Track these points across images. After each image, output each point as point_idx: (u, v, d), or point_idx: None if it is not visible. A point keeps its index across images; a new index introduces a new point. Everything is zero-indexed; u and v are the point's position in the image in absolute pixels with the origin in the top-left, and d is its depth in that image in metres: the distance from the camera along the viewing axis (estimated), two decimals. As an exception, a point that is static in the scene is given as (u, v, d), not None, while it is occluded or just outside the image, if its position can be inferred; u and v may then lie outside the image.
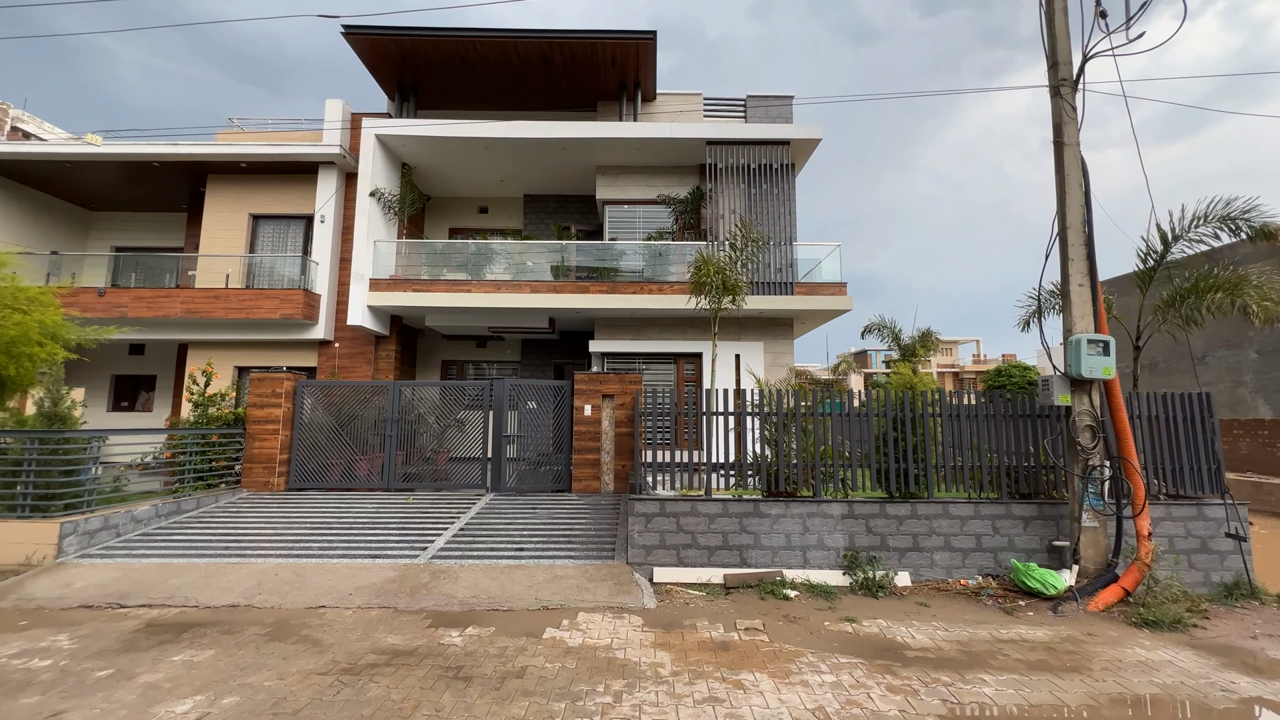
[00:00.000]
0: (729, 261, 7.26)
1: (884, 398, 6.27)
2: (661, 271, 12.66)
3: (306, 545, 6.38)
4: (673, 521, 5.89)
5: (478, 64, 12.96)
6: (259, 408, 8.88)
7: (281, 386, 8.94)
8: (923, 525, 5.89)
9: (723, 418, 6.53)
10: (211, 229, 13.53)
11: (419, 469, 9.33)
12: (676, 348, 12.87)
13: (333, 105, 13.16)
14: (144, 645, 4.27)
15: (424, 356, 15.23)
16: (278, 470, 8.83)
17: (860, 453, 6.33)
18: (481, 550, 6.25)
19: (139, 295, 12.13)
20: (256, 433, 8.83)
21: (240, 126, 14.29)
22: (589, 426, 8.95)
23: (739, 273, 6.98)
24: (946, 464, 6.23)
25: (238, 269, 12.95)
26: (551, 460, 9.21)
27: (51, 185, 14.47)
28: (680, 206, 13.36)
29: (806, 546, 5.86)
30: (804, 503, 5.95)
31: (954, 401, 6.32)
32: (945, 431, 6.22)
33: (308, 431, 9.12)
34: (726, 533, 5.87)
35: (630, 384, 8.97)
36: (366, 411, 9.28)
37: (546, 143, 12.66)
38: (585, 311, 12.35)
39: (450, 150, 13.04)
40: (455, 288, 12.18)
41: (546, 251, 12.94)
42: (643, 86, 13.70)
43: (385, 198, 12.82)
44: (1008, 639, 4.60)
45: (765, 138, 12.70)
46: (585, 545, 6.41)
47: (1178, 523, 5.90)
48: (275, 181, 13.60)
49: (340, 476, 9.10)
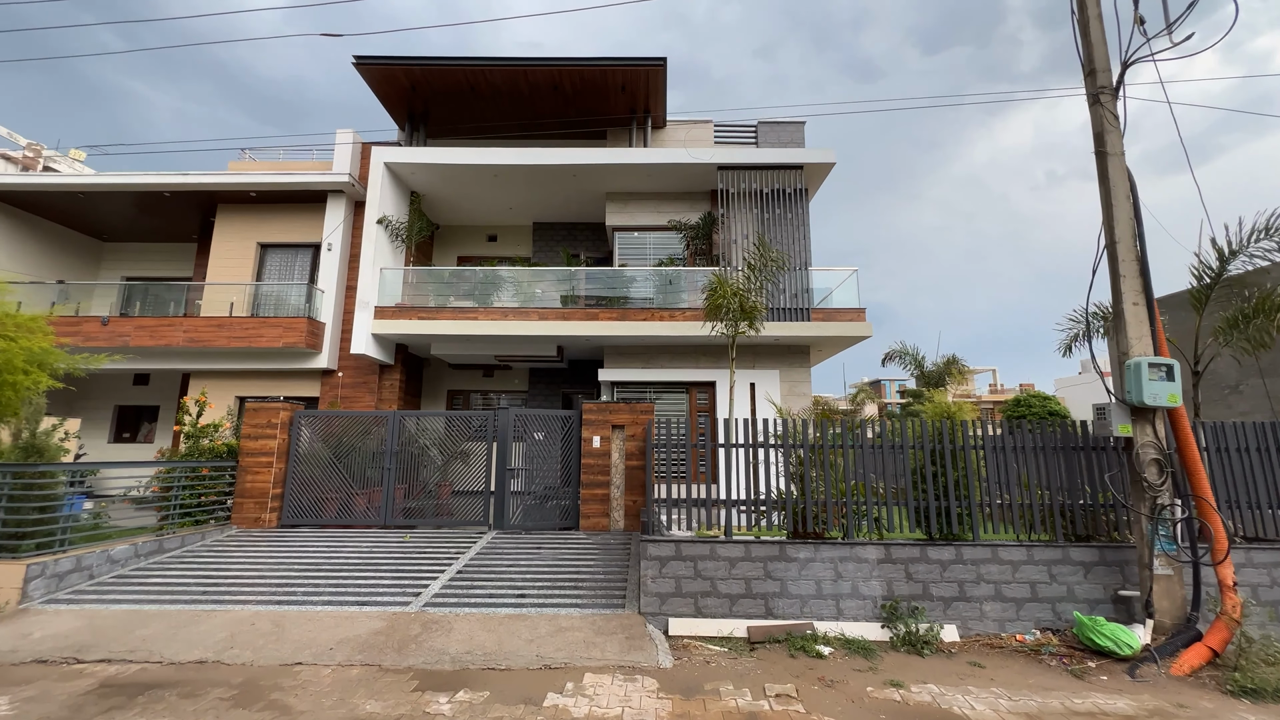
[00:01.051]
0: (747, 284, 6.85)
1: (920, 428, 5.74)
2: (673, 298, 12.30)
3: (291, 589, 5.86)
4: (689, 566, 5.31)
5: (487, 92, 12.97)
6: (253, 439, 8.48)
7: (277, 417, 8.55)
8: (969, 571, 5.27)
9: (743, 450, 6.01)
10: (219, 258, 13.44)
11: (420, 504, 8.82)
12: (689, 376, 12.41)
13: (343, 135, 13.18)
14: (90, 713, 3.75)
15: (430, 386, 14.87)
16: (270, 506, 8.36)
17: (895, 488, 5.75)
18: (479, 596, 5.69)
19: (141, 324, 11.95)
20: (249, 465, 8.41)
21: (252, 157, 14.37)
22: (598, 459, 8.44)
23: (757, 296, 6.55)
24: (992, 501, 5.63)
25: (243, 298, 12.78)
26: (559, 494, 8.68)
27: (64, 216, 14.56)
28: (692, 232, 13.09)
29: (839, 595, 5.25)
30: (835, 545, 5.37)
31: (998, 432, 5.76)
32: (989, 465, 5.64)
33: (303, 465, 8.68)
34: (750, 579, 5.28)
35: (642, 414, 8.49)
36: (365, 444, 8.85)
37: (556, 169, 12.53)
38: (594, 339, 11.96)
39: (459, 178, 12.95)
40: (461, 315, 11.88)
41: (555, 278, 12.65)
42: (653, 113, 13.63)
43: (393, 225, 12.68)
44: (1084, 711, 3.94)
45: (778, 162, 12.48)
46: (593, 591, 5.83)
47: (1261, 569, 5.23)
48: (284, 210, 13.56)
49: (336, 512, 8.61)
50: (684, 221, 13.16)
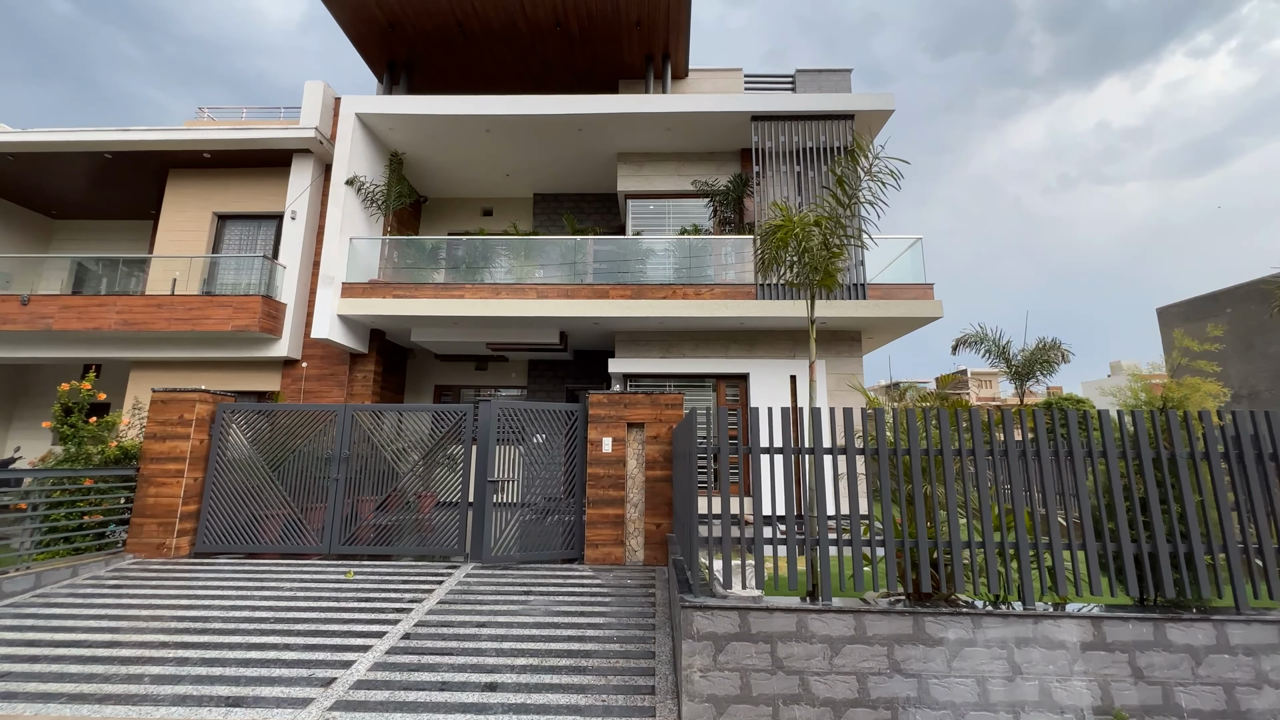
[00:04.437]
0: (839, 205, 4.45)
1: (1121, 425, 3.61)
2: (698, 273, 10.24)
3: (139, 675, 3.81)
4: (763, 651, 3.22)
5: (479, 34, 11.02)
6: (159, 439, 6.50)
7: (192, 411, 6.57)
8: (1244, 666, 3.13)
9: (830, 457, 3.90)
10: (169, 230, 11.57)
11: (397, 518, 6.76)
12: (716, 367, 10.33)
13: (312, 87, 11.28)
14: None
15: (415, 380, 12.90)
16: (179, 528, 6.36)
17: (1066, 519, 3.62)
18: (424, 688, 3.63)
19: (68, 304, 10.07)
20: (153, 474, 6.42)
21: (212, 116, 12.51)
22: (609, 468, 6.37)
23: (847, 230, 4.38)
24: (1245, 544, 3.48)
25: (192, 276, 10.87)
26: (561, 508, 6.60)
27: (6, 189, 12.77)
28: (720, 198, 11.03)
29: (1019, 706, 3.12)
30: (1005, 620, 3.25)
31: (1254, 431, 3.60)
32: (1238, 486, 3.50)
33: (230, 474, 6.69)
34: (864, 674, 3.18)
35: (668, 407, 6.42)
36: (312, 447, 6.85)
37: (559, 123, 10.54)
38: (604, 322, 9.92)
39: (446, 135, 10.98)
40: (445, 292, 9.89)
41: (557, 249, 10.62)
42: (673, 58, 11.61)
43: (366, 188, 10.73)
44: None
45: (825, 110, 10.39)
46: (604, 676, 3.74)
47: None
48: (245, 176, 11.69)
49: (268, 536, 6.60)
50: (710, 184, 11.11)
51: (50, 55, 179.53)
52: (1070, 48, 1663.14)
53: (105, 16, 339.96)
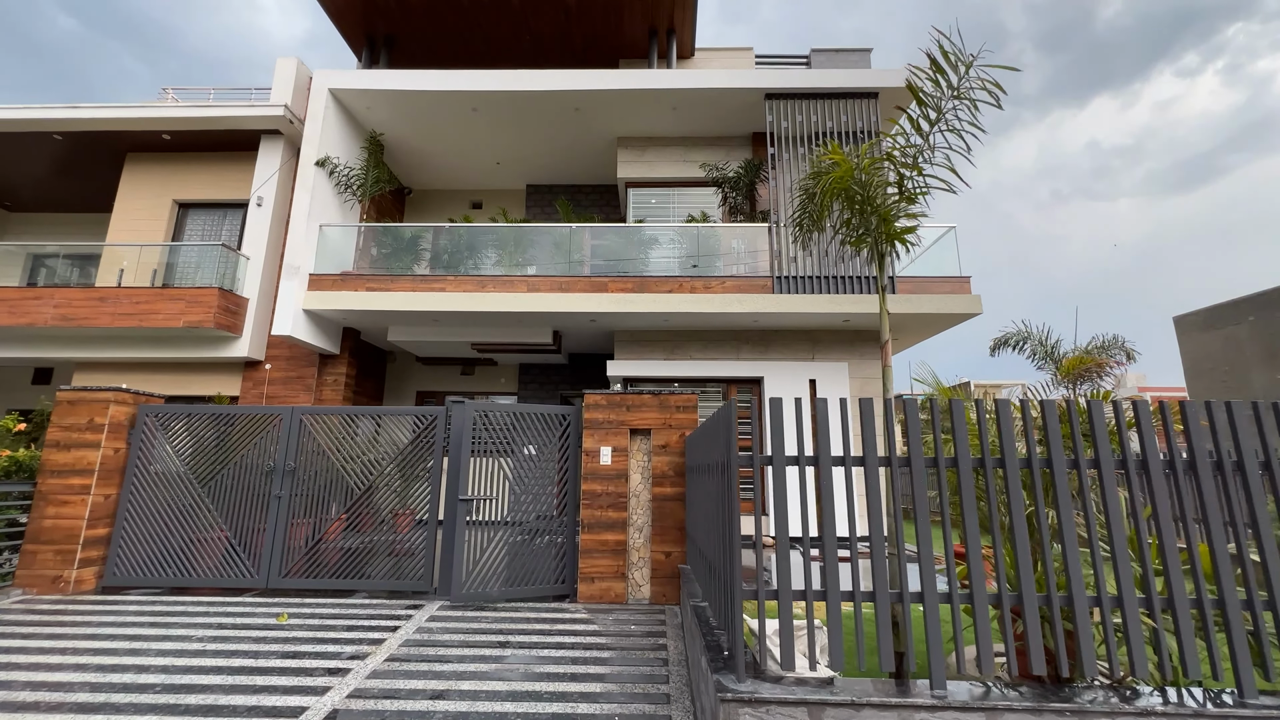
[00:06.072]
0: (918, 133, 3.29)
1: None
2: (707, 265, 9.21)
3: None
4: (848, 769, 2.10)
5: (467, 6, 10.08)
6: (62, 448, 5.36)
7: (105, 414, 5.44)
8: None
9: (888, 469, 2.80)
10: (124, 218, 10.52)
11: (370, 538, 5.61)
12: (727, 370, 9.25)
13: (284, 63, 10.32)
14: None
15: (395, 385, 11.77)
16: (81, 556, 5.19)
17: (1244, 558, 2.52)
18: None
19: (1, 297, 8.95)
20: (52, 491, 5.27)
21: (176, 97, 11.51)
22: (608, 484, 5.25)
23: (923, 171, 3.29)
24: None
25: (136, 267, 9.75)
26: (552, 528, 5.45)
27: (-52, 174, 11.74)
28: (730, 184, 10.03)
29: None
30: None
31: None
32: None
33: (150, 490, 5.55)
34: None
35: (679, 410, 5.32)
36: (258, 458, 5.70)
37: (554, 102, 9.57)
38: (602, 319, 8.85)
39: (430, 116, 9.99)
40: (424, 285, 8.82)
41: (550, 238, 9.57)
42: (678, 34, 10.69)
43: (340, 171, 9.70)
44: None
45: (846, 87, 9.43)
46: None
47: None
48: (209, 162, 10.68)
49: (201, 565, 5.44)
50: (720, 170, 10.12)
51: (54, 71, 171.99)
52: (1061, 67, 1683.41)
53: (110, 32, 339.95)
